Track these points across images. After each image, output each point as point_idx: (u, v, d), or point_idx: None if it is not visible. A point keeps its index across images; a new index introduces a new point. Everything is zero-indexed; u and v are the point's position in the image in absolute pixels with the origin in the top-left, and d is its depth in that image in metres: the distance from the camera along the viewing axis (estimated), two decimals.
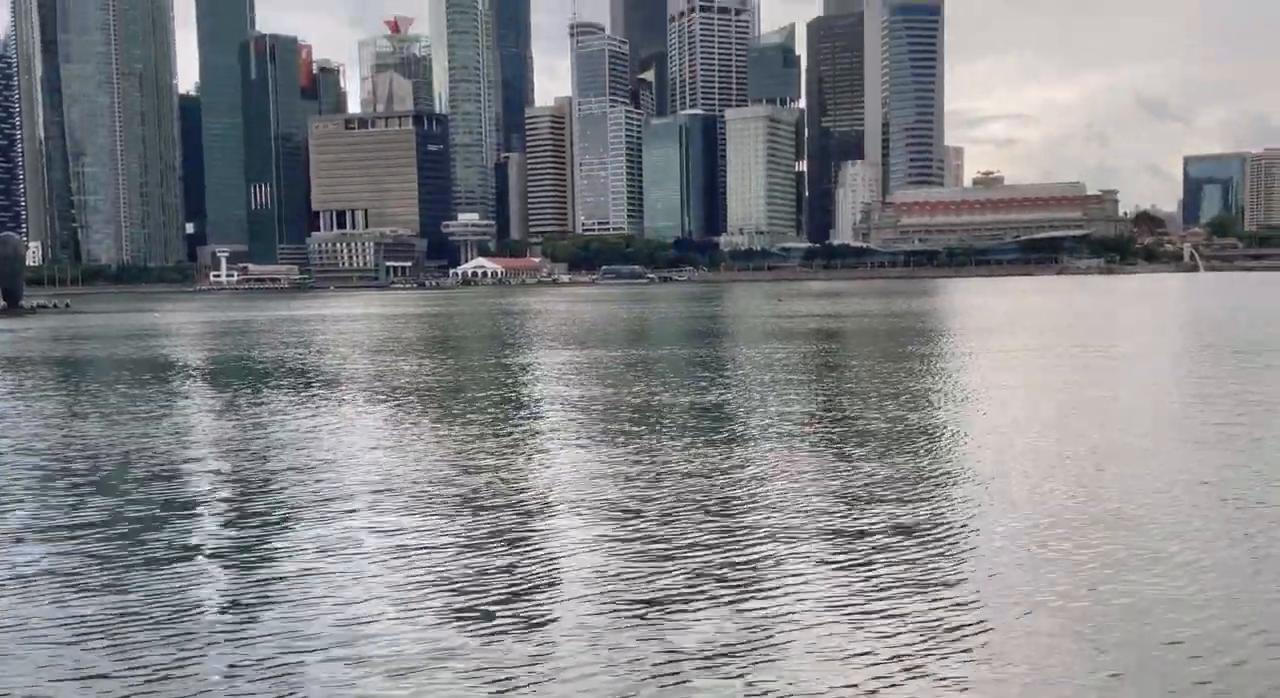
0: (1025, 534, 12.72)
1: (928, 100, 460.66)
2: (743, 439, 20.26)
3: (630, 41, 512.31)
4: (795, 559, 11.95)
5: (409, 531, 13.49)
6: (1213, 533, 12.65)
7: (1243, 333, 50.35)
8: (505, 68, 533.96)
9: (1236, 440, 19.01)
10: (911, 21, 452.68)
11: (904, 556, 11.98)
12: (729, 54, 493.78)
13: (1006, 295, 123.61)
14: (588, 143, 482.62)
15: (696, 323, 73.75)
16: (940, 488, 15.52)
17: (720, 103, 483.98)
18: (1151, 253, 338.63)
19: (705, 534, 13.06)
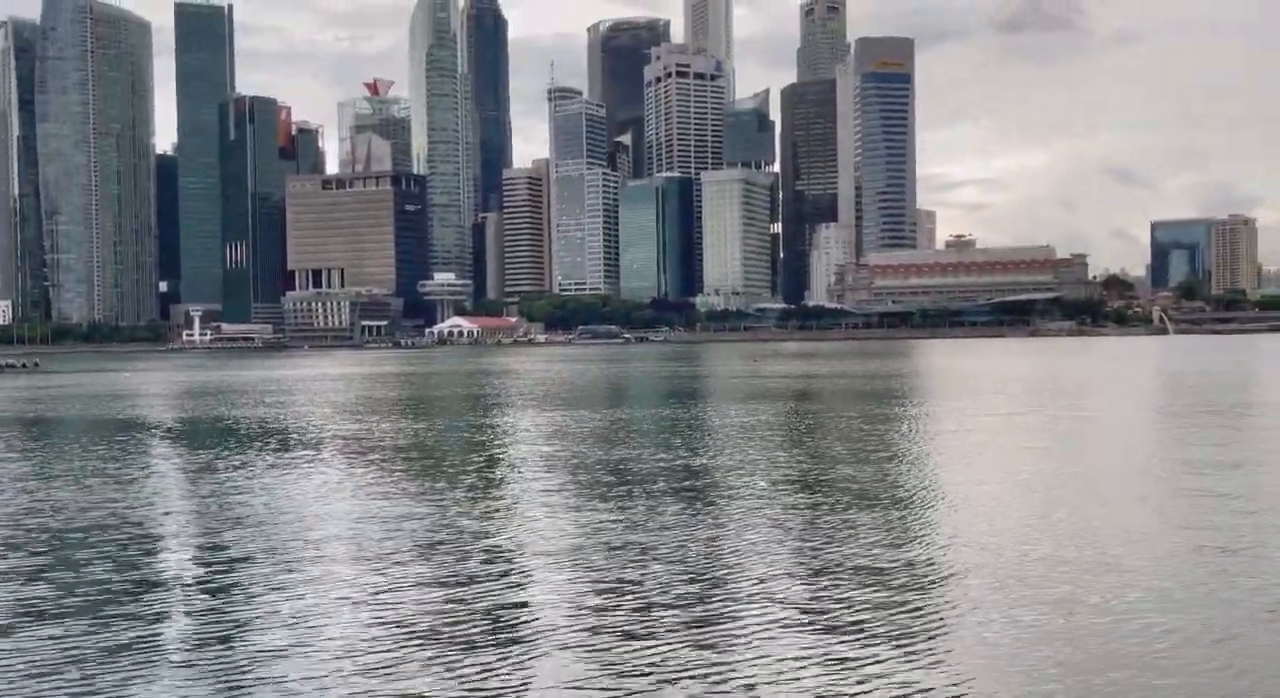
0: (999, 589, 12.50)
1: (899, 164, 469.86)
2: (721, 500, 20.01)
3: (607, 105, 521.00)
4: (773, 624, 11.67)
5: (385, 593, 13.10)
6: (1178, 581, 12.48)
7: (1215, 396, 50.87)
8: (484, 130, 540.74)
9: (1209, 499, 18.97)
10: (883, 88, 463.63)
11: (878, 617, 11.73)
12: (705, 118, 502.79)
13: (982, 357, 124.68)
14: (565, 204, 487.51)
15: (674, 383, 73.68)
16: (915, 549, 15.32)
17: (696, 166, 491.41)
18: (1121, 316, 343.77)
19: (684, 599, 12.76)
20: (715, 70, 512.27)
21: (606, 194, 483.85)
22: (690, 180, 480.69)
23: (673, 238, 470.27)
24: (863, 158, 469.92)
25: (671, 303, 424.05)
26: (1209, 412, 40.37)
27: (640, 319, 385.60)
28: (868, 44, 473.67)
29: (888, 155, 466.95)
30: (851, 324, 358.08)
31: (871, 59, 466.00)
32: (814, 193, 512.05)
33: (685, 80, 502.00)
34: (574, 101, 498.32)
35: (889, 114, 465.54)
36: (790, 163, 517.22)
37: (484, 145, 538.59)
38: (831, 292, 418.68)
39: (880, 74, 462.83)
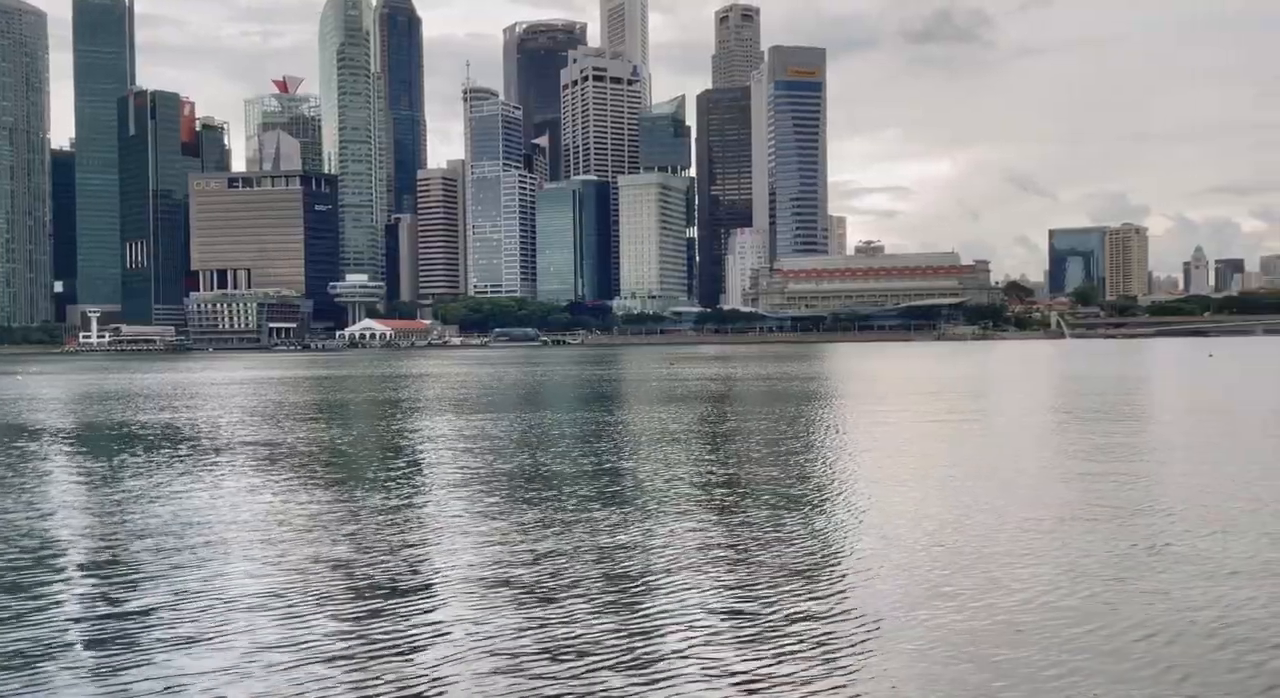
0: (917, 589, 12.78)
1: (811, 172, 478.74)
2: (641, 503, 20.03)
3: (524, 107, 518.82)
4: (693, 627, 11.71)
5: (296, 605, 12.74)
6: (1097, 576, 12.96)
7: (1113, 398, 52.94)
8: (397, 130, 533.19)
9: (1103, 498, 19.74)
10: (795, 96, 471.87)
11: (798, 619, 11.88)
12: (621, 122, 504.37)
13: (892, 360, 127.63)
14: (481, 206, 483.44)
15: (593, 386, 73.62)
16: (834, 549, 15.57)
17: (613, 169, 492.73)
18: (1022, 321, 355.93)
19: (598, 599, 12.72)
20: (632, 75, 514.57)
21: (523, 196, 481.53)
22: (607, 184, 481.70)
23: (590, 241, 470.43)
24: (776, 164, 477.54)
25: (588, 306, 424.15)
26: (1107, 413, 42.01)
27: (557, 322, 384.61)
28: (780, 52, 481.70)
29: (800, 162, 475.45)
30: (766, 328, 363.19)
31: (784, 67, 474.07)
32: (729, 198, 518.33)
33: (602, 84, 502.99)
34: (490, 103, 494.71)
35: (801, 122, 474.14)
36: (706, 168, 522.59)
37: (398, 145, 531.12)
38: (746, 296, 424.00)
39: (793, 82, 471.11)
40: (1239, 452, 28.10)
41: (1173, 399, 53.87)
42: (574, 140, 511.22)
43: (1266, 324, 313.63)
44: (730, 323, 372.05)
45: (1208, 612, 12.16)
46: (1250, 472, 23.65)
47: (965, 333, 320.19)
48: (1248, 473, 23.44)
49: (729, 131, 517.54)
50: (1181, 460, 26.49)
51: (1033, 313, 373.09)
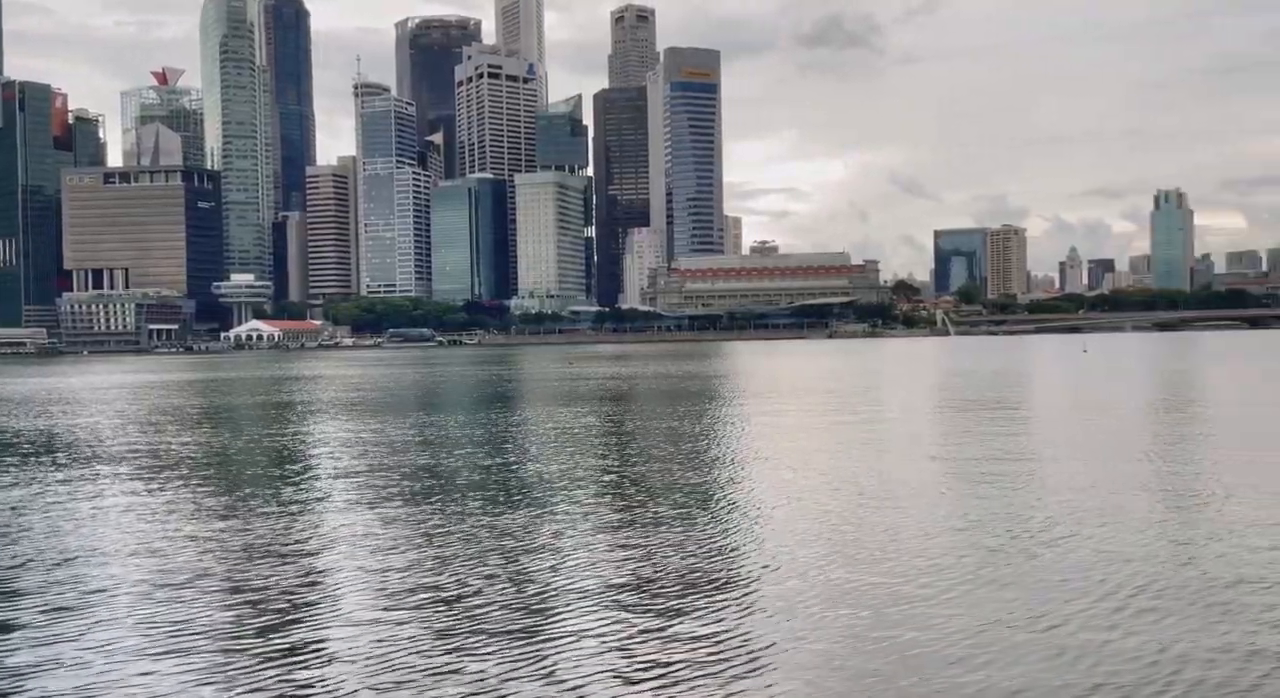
0: (816, 587, 13.01)
1: (708, 172, 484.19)
2: (539, 505, 19.87)
3: (417, 104, 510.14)
4: (590, 631, 11.66)
5: (185, 619, 12.19)
6: (973, 568, 13.42)
7: (993, 394, 54.99)
8: (284, 125, 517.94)
9: (991, 486, 20.48)
10: (691, 97, 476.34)
11: (696, 620, 11.95)
12: (517, 120, 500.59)
13: (787, 358, 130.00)
14: (373, 203, 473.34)
15: (491, 387, 72.85)
16: (732, 548, 15.72)
17: (510, 168, 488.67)
18: (909, 318, 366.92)
19: (500, 607, 12.56)
20: (528, 73, 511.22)
21: (417, 194, 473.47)
22: (504, 182, 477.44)
23: (486, 240, 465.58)
24: (673, 164, 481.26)
25: (485, 306, 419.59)
26: (994, 406, 43.63)
27: (453, 322, 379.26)
28: (676, 54, 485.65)
29: (696, 163, 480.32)
30: (664, 327, 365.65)
31: (680, 68, 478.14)
32: (627, 198, 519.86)
33: (498, 82, 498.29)
34: (382, 98, 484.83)
35: (697, 123, 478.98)
36: (603, 167, 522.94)
37: (285, 141, 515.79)
38: (645, 295, 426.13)
39: (688, 83, 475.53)
40: (1117, 442, 29.51)
41: (1053, 393, 56.29)
42: (469, 138, 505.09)
43: (1134, 321, 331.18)
44: (629, 322, 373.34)
45: (1104, 602, 12.69)
46: (1129, 460, 24.85)
47: (856, 331, 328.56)
48: (1128, 462, 24.63)
49: (626, 131, 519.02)
50: (1065, 452, 27.65)
51: (920, 311, 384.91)
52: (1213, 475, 22.40)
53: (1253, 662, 10.32)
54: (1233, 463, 24.26)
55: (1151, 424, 35.42)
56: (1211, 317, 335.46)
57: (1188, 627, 11.41)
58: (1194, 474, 22.84)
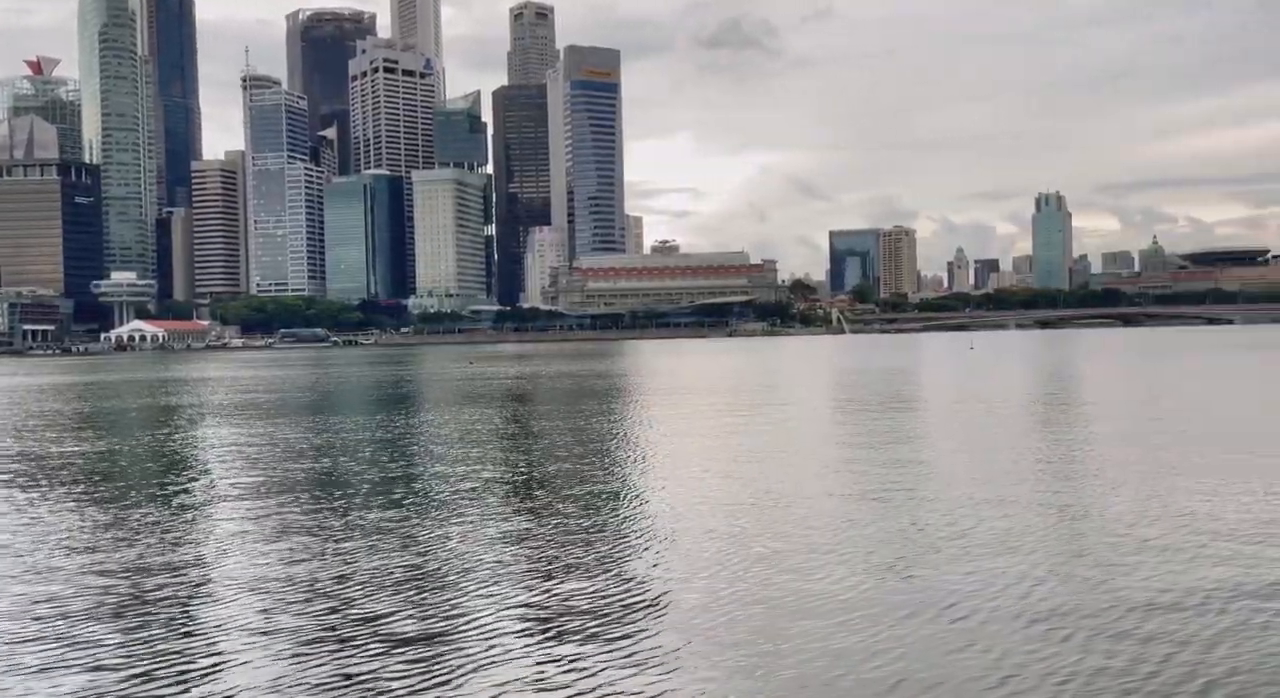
0: (718, 587, 13.04)
1: (609, 171, 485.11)
2: (440, 508, 19.45)
3: (309, 98, 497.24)
4: (491, 636, 11.42)
5: (66, 635, 11.45)
6: (872, 568, 13.65)
7: (886, 389, 56.40)
8: (169, 118, 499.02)
9: (892, 482, 20.95)
10: (591, 96, 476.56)
11: (599, 622, 11.83)
12: (414, 116, 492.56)
13: (688, 356, 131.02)
14: (263, 199, 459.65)
15: (388, 388, 71.34)
16: (635, 549, 15.65)
17: (407, 164, 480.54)
18: (806, 317, 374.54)
19: (399, 613, 12.19)
20: (425, 68, 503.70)
21: (310, 190, 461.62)
22: (401, 179, 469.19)
23: (383, 238, 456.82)
24: (574, 163, 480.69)
25: (382, 305, 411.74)
26: (891, 402, 44.73)
27: (348, 322, 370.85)
28: (576, 52, 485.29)
29: (598, 162, 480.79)
30: (566, 326, 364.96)
31: (580, 67, 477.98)
32: (527, 196, 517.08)
33: (394, 76, 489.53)
34: (272, 91, 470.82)
35: (598, 122, 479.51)
36: (503, 165, 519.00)
37: (169, 134, 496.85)
38: (546, 294, 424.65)
39: (589, 82, 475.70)
40: (1004, 436, 30.54)
41: (942, 388, 58.03)
42: (364, 133, 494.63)
43: (1018, 319, 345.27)
44: (530, 321, 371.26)
45: (1008, 592, 12.99)
46: (1016, 453, 25.73)
47: (755, 329, 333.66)
48: (1016, 455, 25.49)
49: (526, 129, 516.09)
50: (956, 445, 28.46)
51: (816, 310, 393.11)
52: (1094, 466, 23.34)
53: (1149, 645, 10.70)
54: (1112, 455, 25.32)
55: (1036, 418, 36.82)
56: (1088, 315, 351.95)
57: (1085, 613, 11.78)
58: (1078, 465, 23.74)
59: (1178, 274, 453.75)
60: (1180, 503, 18.28)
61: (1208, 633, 11.04)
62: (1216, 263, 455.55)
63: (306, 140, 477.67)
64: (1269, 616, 11.58)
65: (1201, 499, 18.57)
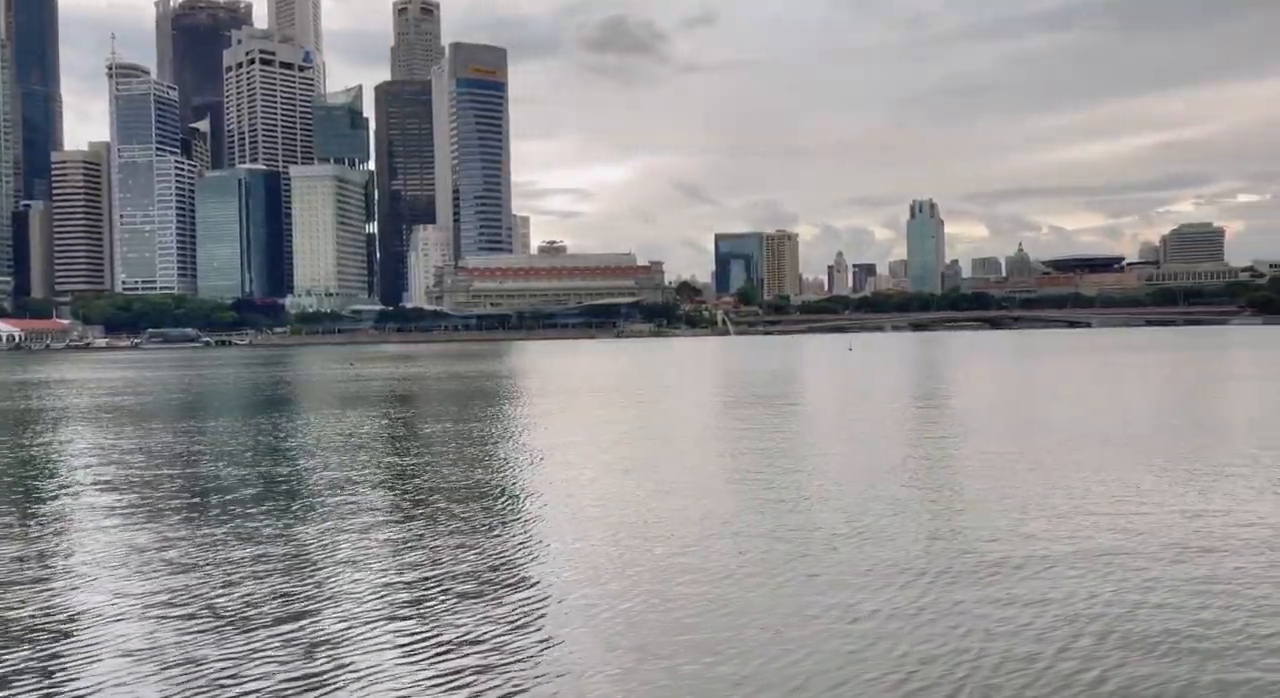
0: (604, 587, 13.10)
1: (495, 170, 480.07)
2: (321, 512, 18.93)
3: (181, 89, 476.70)
4: (374, 642, 11.21)
5: None
6: (779, 565, 13.95)
7: (770, 389, 57.55)
8: (26, 106, 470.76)
9: (776, 480, 21.41)
10: (478, 95, 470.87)
11: (483, 623, 11.75)
12: (292, 110, 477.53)
13: (576, 357, 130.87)
14: (130, 193, 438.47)
15: (263, 390, 68.98)
16: (521, 550, 15.58)
17: (284, 159, 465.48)
18: (693, 319, 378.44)
19: (278, 619, 11.84)
20: (304, 61, 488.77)
21: (180, 184, 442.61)
22: (278, 174, 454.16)
23: (259, 234, 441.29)
24: (460, 162, 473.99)
25: (258, 304, 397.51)
26: (775, 402, 45.64)
27: (222, 321, 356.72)
28: (462, 49, 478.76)
29: (484, 161, 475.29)
30: (451, 326, 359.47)
31: (466, 65, 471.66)
32: (411, 194, 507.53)
33: (270, 68, 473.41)
34: (140, 81, 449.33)
35: (484, 120, 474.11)
36: (386, 162, 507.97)
37: (27, 124, 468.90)
38: (431, 294, 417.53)
39: (475, 80, 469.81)
40: (885, 433, 31.55)
41: (823, 388, 59.57)
42: (239, 126, 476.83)
43: (893, 321, 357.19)
44: (414, 322, 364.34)
45: (905, 591, 13.40)
46: (892, 451, 26.61)
47: (643, 330, 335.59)
48: (892, 452, 26.36)
49: (410, 126, 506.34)
50: (841, 444, 29.25)
51: (702, 311, 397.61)
52: (965, 461, 24.35)
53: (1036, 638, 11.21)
54: (978, 451, 26.47)
55: (913, 417, 38.16)
56: (959, 318, 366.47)
57: (980, 603, 12.26)
58: (952, 461, 24.73)
59: (1041, 279, 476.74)
60: (1040, 493, 19.26)
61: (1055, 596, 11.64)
62: (1076, 269, 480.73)
63: (177, 132, 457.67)
64: (1149, 607, 12.30)
65: (1062, 491, 19.61)
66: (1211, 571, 13.61)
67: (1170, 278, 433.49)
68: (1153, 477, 21.37)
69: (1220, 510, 17.60)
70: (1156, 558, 14.36)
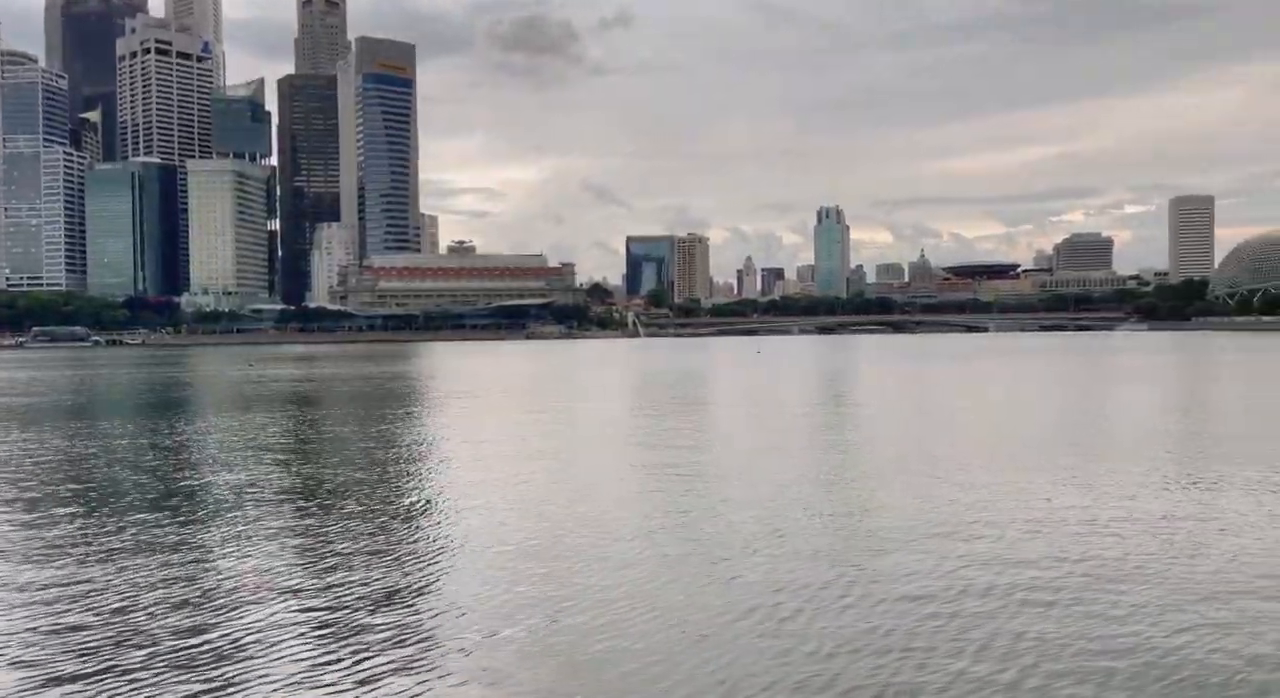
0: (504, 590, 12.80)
1: (403, 168, 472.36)
2: (218, 517, 18.11)
3: (71, 77, 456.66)
4: (273, 648, 10.71)
5: None
6: (679, 564, 13.85)
7: (678, 392, 57.79)
8: None
9: (683, 484, 21.38)
10: (385, 91, 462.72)
11: (380, 626, 11.35)
12: (190, 102, 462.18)
13: (485, 359, 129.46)
14: (15, 186, 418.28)
15: (158, 392, 66.25)
16: (421, 547, 15.17)
17: (181, 153, 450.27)
18: (603, 320, 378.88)
19: (169, 627, 11.21)
20: (202, 51, 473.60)
21: (69, 177, 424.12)
22: (174, 168, 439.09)
23: (153, 230, 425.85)
24: (366, 158, 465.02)
25: (152, 302, 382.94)
26: (684, 403, 45.77)
27: (113, 320, 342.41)
28: (369, 44, 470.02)
29: (391, 158, 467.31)
30: (355, 327, 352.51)
31: (373, 60, 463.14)
32: (315, 190, 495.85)
33: (167, 58, 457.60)
34: (27, 69, 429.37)
35: (391, 117, 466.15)
36: (289, 157, 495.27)
37: None
38: (335, 294, 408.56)
39: (382, 76, 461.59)
40: (793, 436, 31.86)
41: (734, 391, 60.09)
42: (133, 118, 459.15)
43: (800, 325, 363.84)
44: (317, 321, 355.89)
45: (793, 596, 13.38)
46: (798, 451, 26.85)
47: (553, 332, 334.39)
48: (798, 453, 26.59)
49: (315, 121, 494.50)
50: (749, 445, 29.41)
51: (613, 314, 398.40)
52: (874, 462, 24.72)
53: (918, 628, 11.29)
54: (887, 452, 26.92)
55: (820, 419, 38.72)
56: (863, 321, 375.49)
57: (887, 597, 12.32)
58: (860, 462, 25.08)
59: (942, 285, 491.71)
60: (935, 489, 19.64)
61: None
62: (975, 275, 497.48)
63: (66, 123, 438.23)
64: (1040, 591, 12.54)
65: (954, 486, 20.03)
66: (1084, 550, 14.00)
67: (1063, 285, 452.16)
68: (1048, 476, 21.98)
69: (1090, 503, 18.19)
70: (1068, 560, 14.69)
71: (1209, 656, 10.50)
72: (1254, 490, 19.83)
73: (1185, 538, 15.76)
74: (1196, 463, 23.96)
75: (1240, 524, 16.72)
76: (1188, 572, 13.75)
